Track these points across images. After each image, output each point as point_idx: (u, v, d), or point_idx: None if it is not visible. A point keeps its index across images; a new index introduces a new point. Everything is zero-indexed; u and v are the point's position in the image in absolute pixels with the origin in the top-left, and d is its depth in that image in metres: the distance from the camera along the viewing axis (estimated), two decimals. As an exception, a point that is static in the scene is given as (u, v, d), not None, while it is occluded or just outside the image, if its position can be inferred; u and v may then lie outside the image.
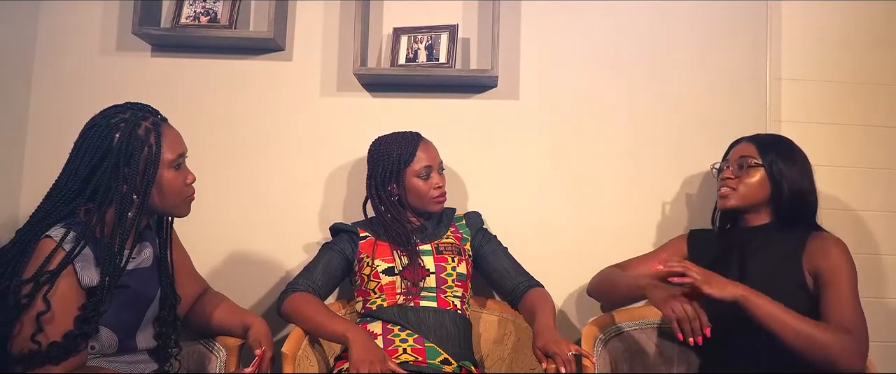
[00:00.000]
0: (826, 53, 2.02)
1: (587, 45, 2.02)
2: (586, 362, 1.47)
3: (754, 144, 1.59)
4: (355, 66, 1.91)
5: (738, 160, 1.59)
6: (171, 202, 1.33)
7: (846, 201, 1.98)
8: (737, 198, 1.57)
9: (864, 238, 1.97)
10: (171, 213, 1.37)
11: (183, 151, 1.34)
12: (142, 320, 1.33)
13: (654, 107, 2.00)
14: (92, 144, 1.26)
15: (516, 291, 1.69)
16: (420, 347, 1.56)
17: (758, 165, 1.55)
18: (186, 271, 1.54)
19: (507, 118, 2.01)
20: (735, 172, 1.58)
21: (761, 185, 1.55)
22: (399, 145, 1.71)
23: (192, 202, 1.38)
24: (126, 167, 1.25)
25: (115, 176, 1.24)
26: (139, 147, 1.26)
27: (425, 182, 1.70)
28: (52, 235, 1.20)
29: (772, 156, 1.55)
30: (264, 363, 1.36)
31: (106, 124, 1.27)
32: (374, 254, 1.67)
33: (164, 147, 1.30)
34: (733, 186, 1.57)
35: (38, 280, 1.16)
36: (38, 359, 1.15)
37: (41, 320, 1.15)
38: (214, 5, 1.98)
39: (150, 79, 2.02)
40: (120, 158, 1.25)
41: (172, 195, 1.32)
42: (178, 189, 1.33)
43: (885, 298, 1.97)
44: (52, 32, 2.03)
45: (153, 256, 1.38)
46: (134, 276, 1.31)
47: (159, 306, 1.37)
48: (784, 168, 1.54)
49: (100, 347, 1.26)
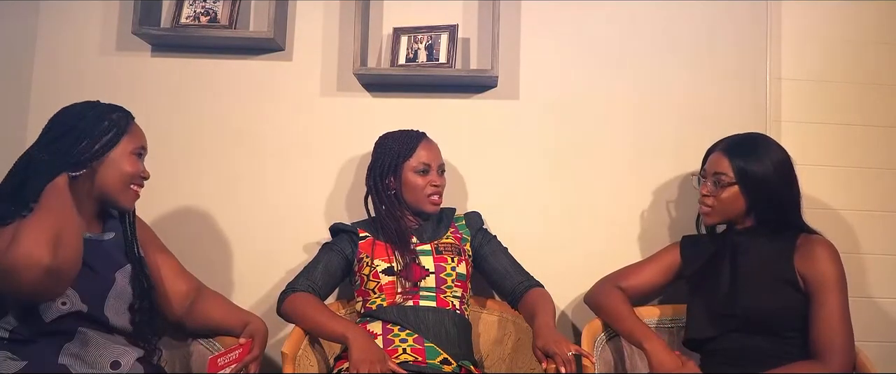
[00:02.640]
0: (826, 53, 2.01)
1: (587, 45, 2.02)
2: (586, 362, 1.47)
3: (726, 156, 1.57)
4: (355, 66, 1.91)
5: (713, 177, 1.59)
6: (118, 186, 1.37)
7: (846, 201, 1.98)
8: (716, 216, 1.60)
9: (865, 238, 1.97)
10: (115, 198, 1.39)
11: (144, 144, 1.42)
12: (109, 289, 1.35)
13: (655, 107, 1.99)
14: (67, 117, 1.36)
15: (516, 291, 1.69)
16: (420, 347, 1.56)
17: (731, 182, 1.55)
18: (175, 272, 1.54)
19: (507, 118, 2.01)
20: (711, 189, 1.59)
21: (735, 199, 1.56)
22: (401, 141, 1.72)
23: (137, 200, 1.43)
24: (87, 138, 1.33)
25: (75, 142, 1.31)
26: (108, 127, 1.35)
27: (422, 178, 1.70)
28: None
29: (741, 165, 1.54)
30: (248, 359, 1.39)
31: (83, 105, 1.39)
32: (373, 254, 1.67)
33: (129, 133, 1.39)
34: (711, 204, 1.59)
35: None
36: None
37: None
38: (214, 5, 1.98)
39: (150, 79, 2.02)
40: (86, 128, 1.33)
41: (122, 178, 1.37)
42: (130, 174, 1.37)
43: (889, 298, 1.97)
44: (52, 32, 2.03)
45: (116, 235, 1.42)
46: (95, 245, 1.35)
47: (131, 286, 1.39)
48: (756, 173, 1.53)
49: (69, 304, 1.28)
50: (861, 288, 1.94)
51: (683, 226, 1.92)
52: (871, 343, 1.83)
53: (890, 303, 1.96)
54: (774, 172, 1.54)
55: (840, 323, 1.41)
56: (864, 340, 1.69)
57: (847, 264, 1.51)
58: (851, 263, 1.85)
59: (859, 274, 1.94)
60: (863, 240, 1.96)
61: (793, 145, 1.78)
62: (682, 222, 1.95)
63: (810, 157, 1.96)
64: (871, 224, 1.97)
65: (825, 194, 1.97)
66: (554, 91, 2.01)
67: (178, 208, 1.98)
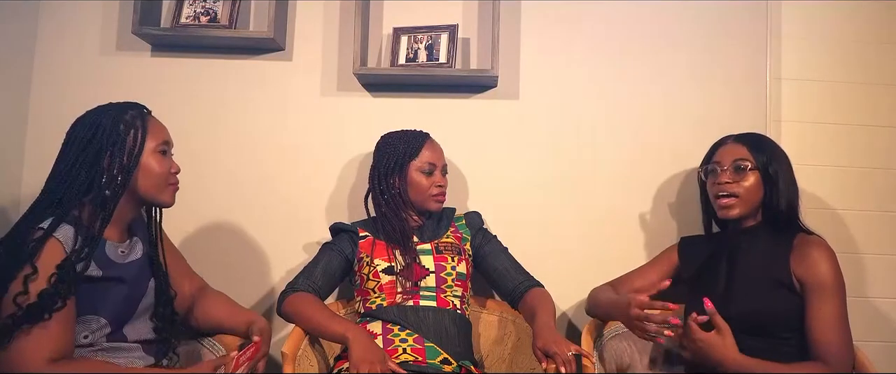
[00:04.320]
0: (826, 53, 2.02)
1: (587, 45, 2.02)
2: (586, 362, 1.47)
3: (744, 145, 1.56)
4: (355, 66, 1.91)
5: (733, 164, 1.55)
6: (155, 187, 1.35)
7: (846, 201, 1.98)
8: (740, 206, 1.53)
9: (865, 238, 1.97)
10: (155, 200, 1.37)
11: (167, 139, 1.39)
12: (134, 311, 1.34)
13: (655, 107, 1.99)
14: (80, 131, 1.31)
15: (516, 291, 1.69)
16: (420, 346, 1.57)
17: (753, 167, 1.53)
18: (181, 272, 1.54)
19: (507, 118, 2.01)
20: (732, 176, 1.54)
21: (758, 187, 1.53)
22: (406, 141, 1.72)
23: (177, 193, 1.41)
24: (111, 147, 1.29)
25: (100, 155, 1.29)
26: (126, 130, 1.31)
27: (427, 178, 1.70)
28: (43, 226, 1.23)
29: (763, 156, 1.53)
30: (258, 356, 1.38)
31: (95, 113, 1.33)
32: (373, 253, 1.67)
33: (150, 132, 1.34)
34: (736, 191, 1.53)
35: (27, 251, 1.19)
36: (16, 322, 1.16)
37: (28, 282, 1.18)
38: (214, 5, 1.98)
39: (150, 79, 2.02)
40: (105, 139, 1.29)
41: (156, 180, 1.34)
42: (163, 174, 1.35)
43: (889, 298, 1.97)
44: (52, 32, 2.03)
45: (143, 250, 1.40)
46: (126, 268, 1.33)
47: (155, 299, 1.38)
48: (778, 169, 1.53)
49: (93, 336, 1.27)
50: (860, 288, 1.95)
51: (683, 225, 1.92)
52: (870, 343, 1.84)
53: (889, 303, 1.97)
54: (788, 167, 1.55)
55: (837, 324, 1.40)
56: (863, 340, 1.69)
57: (846, 264, 1.51)
58: (851, 263, 1.86)
59: (859, 274, 1.94)
60: (862, 240, 1.97)
61: (793, 145, 1.79)
62: (681, 221, 1.95)
63: (810, 157, 1.96)
64: (870, 224, 1.97)
65: (825, 194, 1.97)
66: (554, 91, 2.01)
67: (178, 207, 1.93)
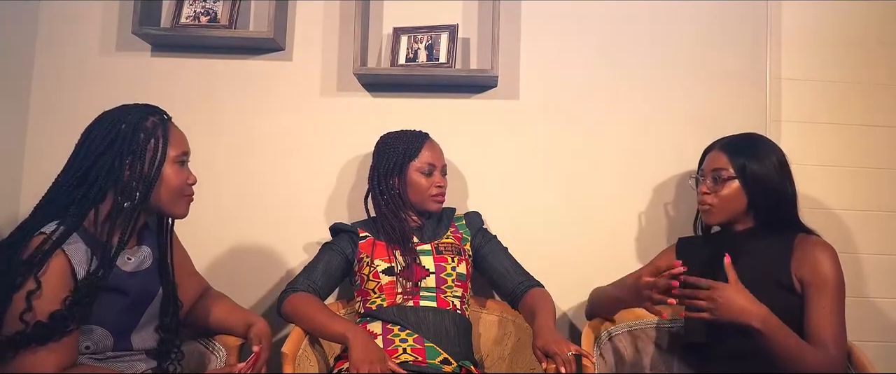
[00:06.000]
0: (826, 53, 2.02)
1: (587, 44, 2.02)
2: (586, 362, 1.47)
3: (725, 153, 1.57)
4: (355, 66, 1.91)
5: (712, 173, 1.58)
6: (171, 199, 1.32)
7: (846, 201, 1.98)
8: (717, 214, 1.58)
9: (864, 238, 1.97)
10: (170, 211, 1.35)
11: (187, 149, 1.35)
12: (139, 321, 1.32)
13: (655, 107, 2.00)
14: (98, 134, 1.26)
15: (516, 291, 1.69)
16: (420, 347, 1.57)
17: (731, 177, 1.55)
18: (187, 272, 1.53)
19: (507, 118, 2.01)
20: (710, 186, 1.58)
21: (738, 196, 1.55)
22: (406, 141, 1.72)
23: (191, 204, 1.37)
24: (130, 156, 1.25)
25: (119, 164, 1.24)
26: (146, 139, 1.27)
27: (427, 179, 1.70)
28: (45, 230, 1.20)
29: (742, 161, 1.54)
30: (260, 363, 1.36)
31: (113, 117, 1.28)
32: (373, 254, 1.67)
33: (171, 142, 1.30)
34: (711, 201, 1.57)
35: (32, 262, 1.15)
36: (23, 339, 1.13)
37: (31, 298, 1.14)
38: (214, 5, 1.98)
39: (150, 79, 2.02)
40: (124, 147, 1.25)
41: (173, 192, 1.31)
42: (180, 186, 1.32)
43: (888, 298, 1.97)
44: (52, 32, 2.03)
45: (153, 258, 1.37)
46: (133, 278, 1.30)
47: (161, 309, 1.37)
48: (757, 170, 1.53)
49: (94, 347, 1.25)
50: (859, 288, 1.95)
51: (683, 226, 1.92)
52: (869, 343, 1.84)
53: (888, 303, 1.97)
54: (774, 169, 1.54)
55: (833, 319, 1.40)
56: (862, 340, 1.69)
57: (846, 264, 1.50)
58: (850, 263, 1.86)
59: (858, 274, 1.95)
60: (861, 240, 1.97)
61: (793, 145, 1.79)
62: (681, 221, 1.95)
63: (810, 157, 1.96)
64: (870, 224, 1.98)
65: (825, 194, 1.97)
66: (554, 91, 2.01)
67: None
